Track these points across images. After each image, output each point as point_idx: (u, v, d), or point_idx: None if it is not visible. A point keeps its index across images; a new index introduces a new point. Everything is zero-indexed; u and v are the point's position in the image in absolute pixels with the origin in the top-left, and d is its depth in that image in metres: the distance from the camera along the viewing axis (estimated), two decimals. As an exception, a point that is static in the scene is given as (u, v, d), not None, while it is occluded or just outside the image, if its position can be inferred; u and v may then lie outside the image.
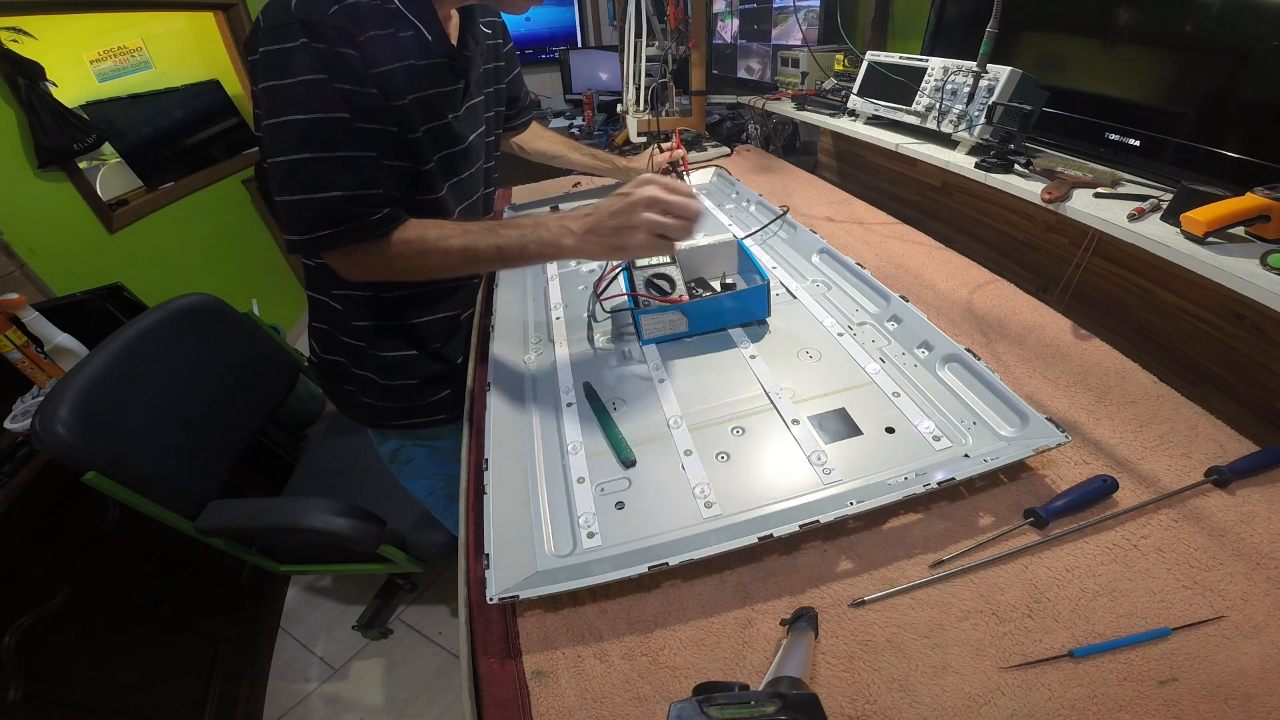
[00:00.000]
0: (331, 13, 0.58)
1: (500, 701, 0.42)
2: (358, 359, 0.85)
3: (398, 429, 0.93)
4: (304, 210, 0.61)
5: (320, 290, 0.83)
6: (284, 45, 0.57)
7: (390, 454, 0.98)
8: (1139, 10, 1.00)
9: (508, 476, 0.56)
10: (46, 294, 1.46)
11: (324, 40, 0.57)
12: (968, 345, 0.63)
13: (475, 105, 0.80)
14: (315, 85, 0.58)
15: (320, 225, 0.62)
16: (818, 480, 0.54)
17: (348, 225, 0.62)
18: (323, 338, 0.87)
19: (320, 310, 0.84)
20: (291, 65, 0.57)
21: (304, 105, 0.58)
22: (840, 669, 0.41)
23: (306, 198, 0.61)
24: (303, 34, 0.57)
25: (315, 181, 0.60)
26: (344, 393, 0.90)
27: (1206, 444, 0.55)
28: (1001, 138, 1.04)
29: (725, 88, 1.97)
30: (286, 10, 0.57)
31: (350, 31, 0.59)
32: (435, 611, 1.48)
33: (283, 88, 0.58)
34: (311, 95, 0.58)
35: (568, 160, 1.17)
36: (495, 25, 0.90)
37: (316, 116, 0.59)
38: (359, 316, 0.82)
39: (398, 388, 0.87)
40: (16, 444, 1.01)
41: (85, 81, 2.08)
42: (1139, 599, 0.43)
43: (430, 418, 0.91)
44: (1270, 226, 0.72)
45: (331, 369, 0.89)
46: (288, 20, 0.57)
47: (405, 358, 0.85)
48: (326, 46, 0.58)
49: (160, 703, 1.07)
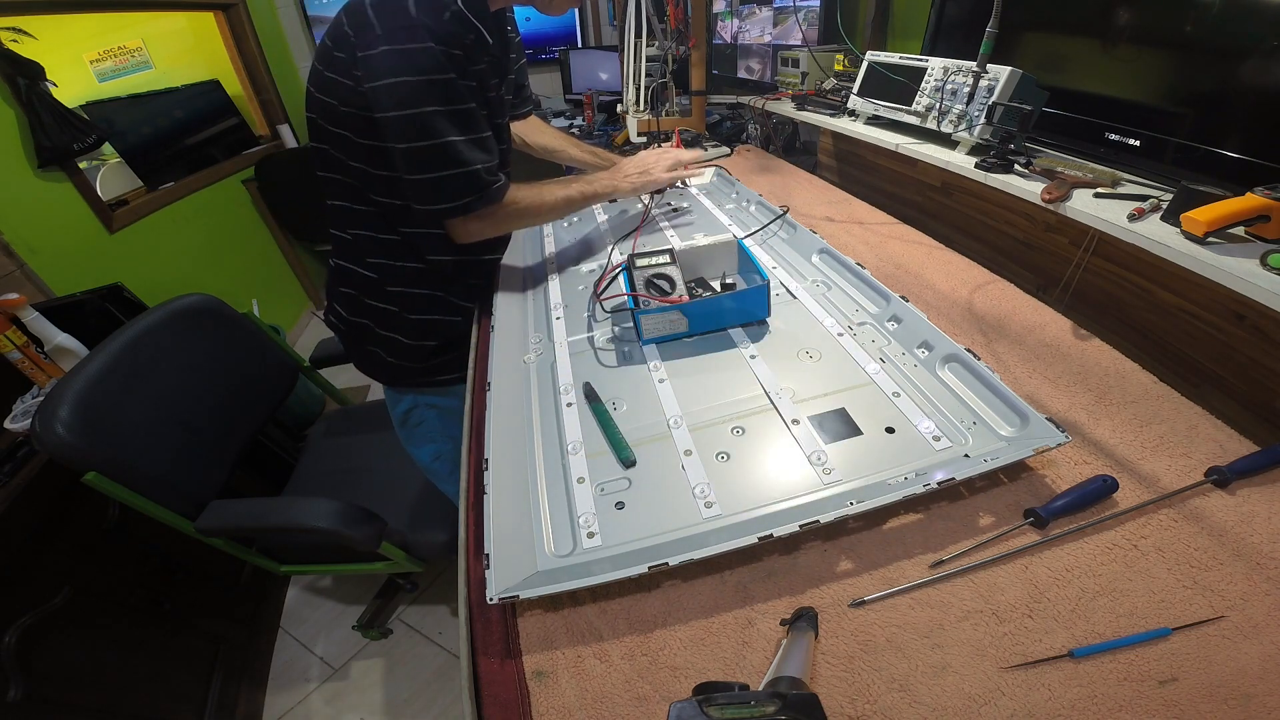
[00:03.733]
0: (447, 19, 0.69)
1: (500, 701, 0.42)
2: (386, 321, 0.94)
3: (414, 387, 1.03)
4: (451, 183, 0.76)
5: (353, 260, 0.91)
6: (411, 46, 0.67)
7: (402, 416, 1.06)
8: (1139, 10, 1.00)
9: (508, 476, 0.56)
10: (46, 294, 1.46)
11: (446, 44, 0.69)
12: (968, 345, 0.63)
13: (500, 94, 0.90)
14: (447, 82, 0.70)
15: (465, 194, 0.77)
16: (818, 480, 0.54)
17: (485, 192, 0.78)
18: (349, 302, 0.95)
19: (349, 278, 0.92)
20: (424, 66, 0.68)
21: (442, 98, 0.70)
22: (840, 669, 0.41)
23: (456, 172, 0.75)
24: (429, 38, 0.67)
25: (460, 158, 0.74)
26: (367, 353, 0.99)
27: (1206, 444, 0.55)
28: (1001, 138, 1.04)
29: (725, 88, 1.97)
30: (407, 14, 0.67)
31: (461, 36, 0.71)
32: (435, 611, 1.48)
33: (418, 84, 0.69)
34: (447, 90, 0.71)
35: (569, 156, 1.17)
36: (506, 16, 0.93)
37: (454, 108, 0.72)
38: (395, 283, 0.91)
39: (419, 348, 0.96)
40: (16, 444, 1.01)
41: (85, 81, 2.08)
42: (1139, 599, 0.43)
43: (444, 375, 1.00)
44: (1270, 226, 0.72)
45: (356, 330, 0.97)
46: (413, 24, 0.67)
47: (430, 322, 0.95)
48: (449, 50, 0.69)
49: (160, 703, 1.07)
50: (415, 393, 1.03)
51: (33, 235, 1.51)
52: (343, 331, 1.00)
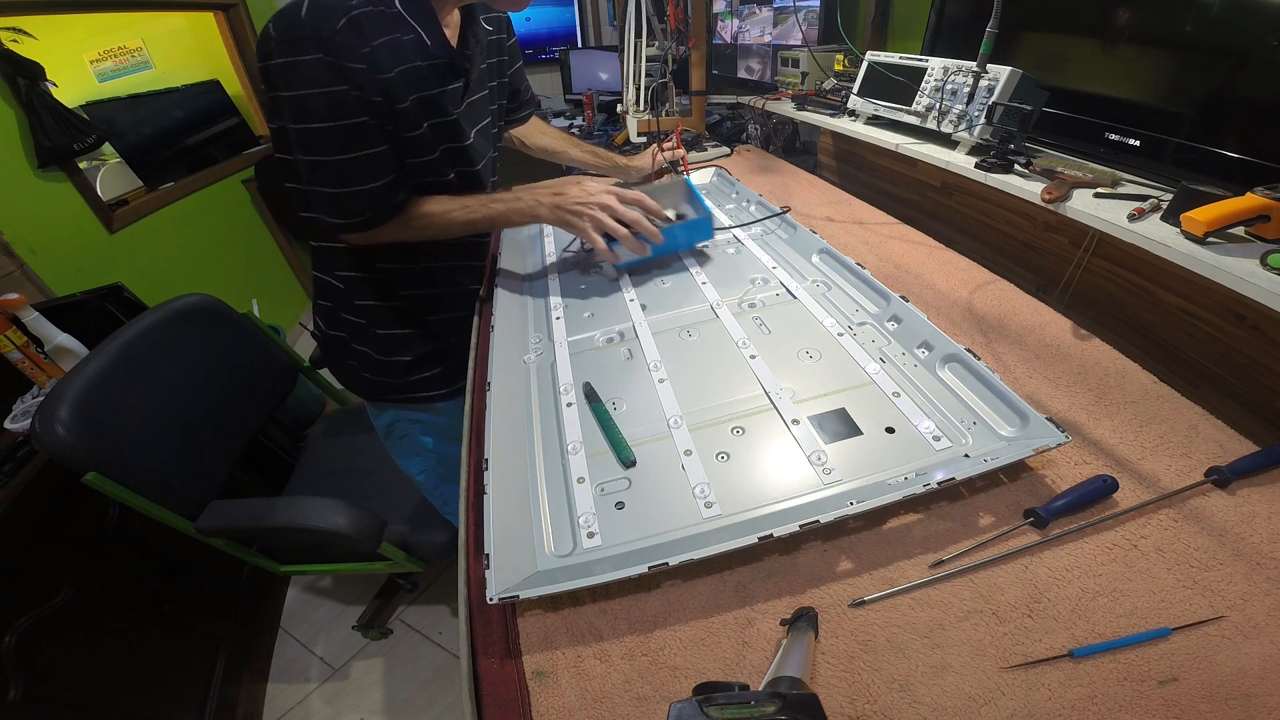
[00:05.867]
0: (340, 28, 0.62)
1: (500, 701, 0.42)
2: (358, 335, 0.91)
3: (393, 403, 1.00)
4: (344, 201, 0.73)
5: (326, 271, 0.89)
6: (302, 59, 0.63)
7: (385, 429, 1.03)
8: (1139, 10, 1.00)
9: (508, 476, 0.56)
10: (46, 294, 1.46)
11: (337, 55, 0.63)
12: (968, 345, 0.63)
13: (477, 101, 0.84)
14: (339, 96, 0.65)
15: (359, 212, 0.74)
16: (818, 480, 0.53)
17: (379, 210, 0.75)
18: (327, 315, 0.93)
19: (325, 289, 0.91)
20: (314, 78, 0.64)
21: (333, 114, 0.66)
22: (840, 669, 0.41)
23: (349, 190, 0.72)
24: (317, 49, 0.62)
25: (353, 177, 0.71)
26: (346, 367, 0.97)
27: (1206, 444, 0.55)
28: (1001, 138, 1.04)
29: (725, 88, 1.97)
30: (298, 24, 0.62)
31: (358, 46, 0.64)
32: (435, 611, 1.48)
33: (311, 97, 0.65)
34: (337, 104, 0.66)
35: (569, 156, 1.17)
36: (498, 20, 0.92)
37: (345, 123, 0.67)
38: (361, 296, 0.88)
39: (392, 364, 0.93)
40: (16, 444, 1.01)
41: (85, 81, 2.08)
42: (1139, 599, 0.43)
43: (421, 393, 0.97)
44: (1270, 226, 0.72)
45: (334, 344, 0.95)
46: (301, 34, 0.62)
47: (400, 336, 0.92)
48: (341, 62, 0.63)
49: (160, 703, 1.07)
50: (396, 408, 1.01)
51: (33, 235, 1.52)
52: (324, 345, 0.98)
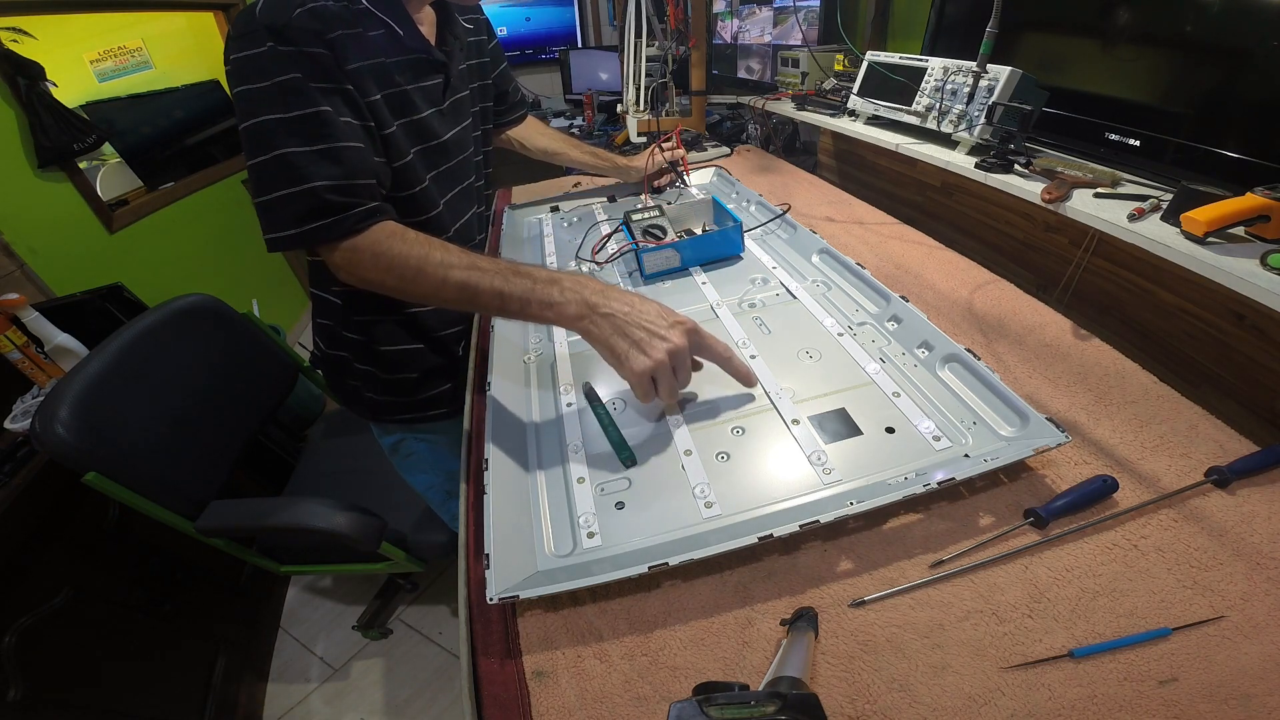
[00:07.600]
0: (295, 15, 0.58)
1: (500, 701, 0.42)
2: (360, 354, 0.86)
3: (399, 423, 0.95)
4: (290, 204, 0.60)
5: (322, 287, 0.84)
6: (252, 51, 0.58)
7: (391, 447, 0.99)
8: (1139, 10, 1.00)
9: (508, 476, 0.56)
10: (46, 294, 1.46)
11: (291, 43, 0.58)
12: (968, 345, 0.63)
13: (460, 100, 0.82)
14: (289, 84, 0.59)
15: (309, 219, 0.60)
16: (818, 480, 0.54)
17: (335, 217, 0.61)
18: (326, 334, 0.88)
19: (323, 307, 0.85)
20: (264, 69, 0.58)
21: (281, 104, 0.59)
22: (840, 669, 0.41)
23: (291, 191, 0.59)
24: (269, 39, 0.58)
25: (298, 175, 0.59)
26: (348, 388, 0.92)
27: (1206, 444, 0.55)
28: (1001, 138, 1.04)
29: (725, 88, 1.97)
30: (252, 18, 0.58)
31: (317, 31, 0.60)
32: (435, 611, 1.48)
33: (257, 91, 0.58)
34: (286, 94, 0.59)
35: (568, 158, 1.17)
36: (478, 22, 0.90)
37: (295, 114, 0.59)
38: (360, 312, 0.82)
39: (399, 382, 0.88)
40: (16, 444, 1.01)
41: (85, 81, 2.08)
42: (1139, 599, 0.43)
43: (430, 412, 0.92)
44: (1270, 226, 0.72)
45: (335, 364, 0.90)
46: (254, 28, 0.58)
47: (406, 352, 0.86)
48: (295, 49, 0.58)
49: (160, 703, 1.07)
50: (402, 429, 0.96)
51: (33, 235, 1.52)
52: (325, 367, 0.92)
